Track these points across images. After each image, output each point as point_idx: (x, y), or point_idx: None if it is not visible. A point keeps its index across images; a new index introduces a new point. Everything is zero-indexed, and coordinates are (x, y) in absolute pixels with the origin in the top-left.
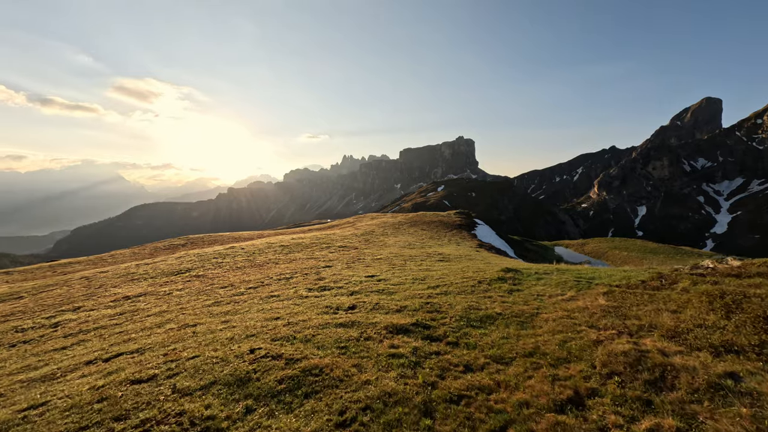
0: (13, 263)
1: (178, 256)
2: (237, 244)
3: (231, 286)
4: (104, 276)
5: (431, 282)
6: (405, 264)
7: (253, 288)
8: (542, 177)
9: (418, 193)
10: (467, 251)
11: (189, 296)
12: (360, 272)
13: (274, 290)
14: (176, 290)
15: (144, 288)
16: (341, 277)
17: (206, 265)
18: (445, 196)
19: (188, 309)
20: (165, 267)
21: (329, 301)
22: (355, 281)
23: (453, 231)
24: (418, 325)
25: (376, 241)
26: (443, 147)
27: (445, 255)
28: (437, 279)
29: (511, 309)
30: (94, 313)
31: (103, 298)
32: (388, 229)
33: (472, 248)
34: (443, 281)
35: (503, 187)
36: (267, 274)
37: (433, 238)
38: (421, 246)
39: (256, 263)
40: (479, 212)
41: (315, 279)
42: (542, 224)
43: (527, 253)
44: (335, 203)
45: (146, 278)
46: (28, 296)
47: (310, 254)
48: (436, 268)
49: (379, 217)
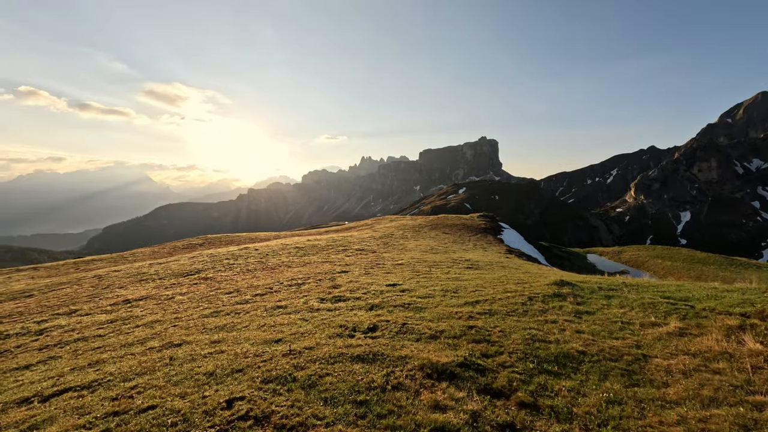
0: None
1: (191, 256)
2: (251, 245)
3: (237, 291)
4: (116, 275)
5: (466, 295)
6: (430, 271)
7: (260, 295)
8: (572, 179)
9: (438, 196)
10: (496, 258)
11: (190, 302)
12: (380, 279)
13: (282, 299)
14: (179, 294)
15: (149, 290)
16: (359, 285)
17: (217, 267)
18: (467, 198)
19: (183, 319)
20: (176, 267)
21: (344, 317)
22: (374, 291)
23: (478, 235)
24: (467, 366)
25: (395, 245)
26: (465, 148)
27: (473, 261)
28: (473, 292)
29: (596, 345)
30: (86, 319)
31: (104, 300)
32: (407, 232)
33: (500, 254)
34: (481, 295)
35: (529, 190)
36: (277, 279)
37: (457, 243)
38: (444, 251)
39: (268, 266)
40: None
41: (329, 286)
42: (572, 230)
43: (557, 260)
44: (353, 205)
45: (155, 279)
46: (38, 294)
47: (326, 257)
48: (466, 277)
49: (398, 219)
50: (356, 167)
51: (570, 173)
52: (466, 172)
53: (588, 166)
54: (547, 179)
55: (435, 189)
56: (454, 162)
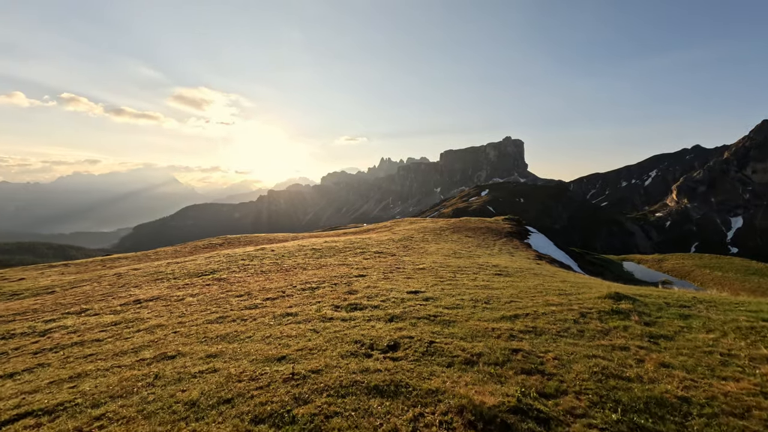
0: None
1: (208, 256)
2: (268, 246)
3: (247, 294)
4: (135, 273)
5: (501, 307)
6: (455, 277)
7: (271, 300)
8: (605, 181)
9: (460, 198)
10: (526, 264)
11: (198, 305)
12: (400, 285)
13: (293, 304)
14: (189, 296)
15: (161, 290)
16: (377, 291)
17: (232, 267)
18: (490, 201)
19: (186, 325)
20: (192, 267)
21: (360, 330)
22: (394, 298)
23: (503, 239)
24: (524, 413)
25: (415, 248)
26: (488, 148)
27: (501, 267)
28: (508, 303)
29: (700, 388)
30: (92, 320)
31: (116, 299)
32: (428, 234)
33: (529, 260)
34: (519, 307)
35: (557, 192)
36: (291, 282)
37: (481, 247)
38: (468, 255)
39: (283, 268)
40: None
41: (345, 292)
42: (604, 235)
43: (591, 267)
44: (372, 207)
45: (169, 279)
46: (59, 290)
47: (343, 260)
48: (497, 284)
49: (418, 221)
50: (375, 168)
51: (603, 175)
52: (489, 174)
53: (623, 167)
54: (577, 181)
55: (456, 191)
56: (477, 163)
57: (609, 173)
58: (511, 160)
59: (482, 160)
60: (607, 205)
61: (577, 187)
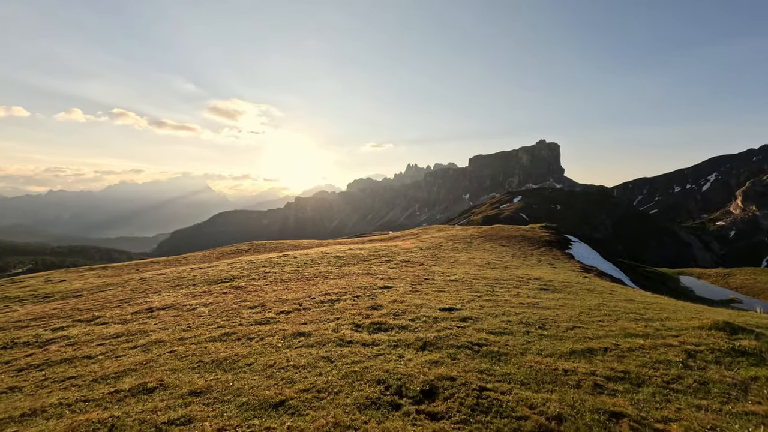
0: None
1: (231, 262)
2: (291, 253)
3: (261, 306)
4: (158, 279)
5: (563, 335)
6: (493, 291)
7: (285, 313)
8: (653, 186)
9: (490, 205)
10: (573, 277)
11: (208, 317)
12: (431, 300)
13: (309, 320)
14: (202, 305)
15: (177, 298)
16: (405, 307)
17: (251, 275)
18: (523, 208)
19: (186, 342)
20: (213, 273)
21: (385, 361)
22: (425, 317)
23: (541, 249)
24: None
25: (445, 257)
26: (520, 152)
27: (545, 281)
28: (570, 329)
29: None
30: (97, 330)
31: (131, 306)
32: (458, 242)
33: (574, 272)
34: (588, 336)
35: (599, 198)
36: (310, 292)
37: (517, 257)
38: (504, 266)
39: (304, 276)
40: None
41: (368, 307)
42: (655, 246)
43: (644, 281)
44: (398, 214)
45: (189, 285)
46: (85, 294)
47: (367, 268)
48: (547, 302)
49: (446, 229)
50: (401, 175)
51: (651, 179)
52: (521, 180)
53: (675, 171)
54: (621, 186)
55: (486, 197)
56: (508, 168)
57: (658, 178)
58: (546, 164)
59: (514, 165)
60: (656, 213)
61: (622, 193)
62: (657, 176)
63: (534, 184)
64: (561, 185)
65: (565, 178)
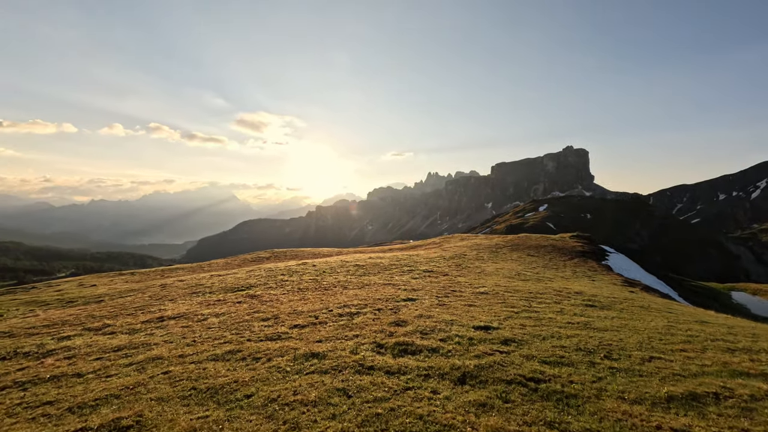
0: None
1: (250, 269)
2: (310, 261)
3: (275, 319)
4: (177, 285)
5: (641, 368)
6: (531, 307)
7: (299, 328)
8: (695, 194)
9: (514, 213)
10: (618, 291)
11: (216, 329)
12: (461, 316)
13: (324, 338)
14: (214, 315)
15: (191, 306)
16: (433, 324)
17: (269, 283)
18: (549, 217)
19: (186, 360)
20: (231, 281)
21: (415, 399)
22: (458, 336)
23: (575, 260)
24: None
25: (470, 267)
26: (545, 159)
27: (587, 295)
28: (646, 361)
29: None
30: (102, 340)
31: (144, 314)
32: (483, 252)
33: (616, 286)
34: (680, 373)
35: (633, 207)
36: (327, 304)
37: (549, 268)
38: (536, 277)
39: (322, 285)
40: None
41: (391, 322)
42: (699, 258)
43: (693, 297)
44: (418, 223)
45: (205, 293)
46: (107, 300)
47: (388, 278)
48: (600, 322)
49: (469, 238)
50: (422, 183)
51: (692, 186)
52: (547, 187)
53: (719, 177)
54: (658, 194)
55: (510, 206)
56: (533, 176)
57: (700, 185)
58: (574, 171)
59: (539, 173)
60: (700, 222)
61: (659, 201)
62: (698, 183)
63: (561, 192)
64: (591, 193)
65: (595, 186)
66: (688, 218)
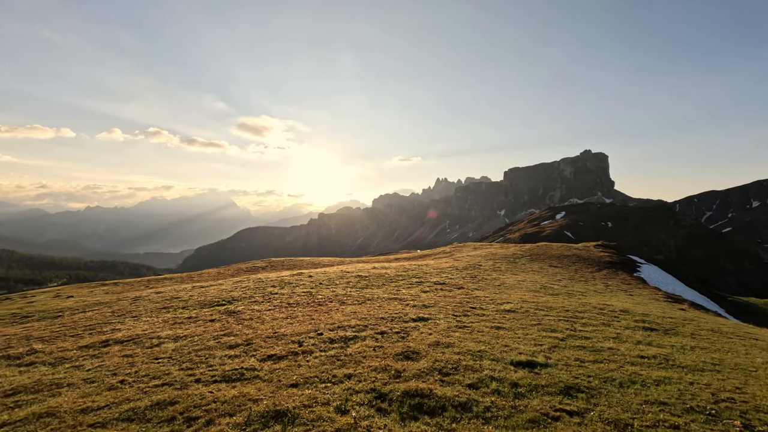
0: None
1: (238, 280)
2: (306, 271)
3: (246, 346)
4: (151, 298)
5: None
6: (576, 330)
7: (273, 360)
8: (726, 200)
9: (529, 222)
10: (666, 309)
11: (164, 362)
12: (491, 342)
13: (302, 380)
14: (171, 339)
15: (151, 325)
16: (455, 358)
17: (255, 296)
18: (567, 225)
19: (87, 418)
20: (213, 293)
21: None
22: (494, 380)
23: (603, 271)
24: None
25: (487, 279)
26: (562, 164)
27: (636, 314)
28: None
29: None
30: (8, 375)
31: (92, 336)
32: (499, 262)
33: (660, 302)
34: None
35: (658, 215)
36: (318, 325)
37: (576, 280)
38: (565, 292)
39: (315, 300)
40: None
41: (397, 354)
42: (732, 270)
43: (743, 315)
44: (426, 232)
45: (177, 309)
46: (65, 316)
47: (394, 292)
48: (678, 355)
49: (483, 247)
50: (430, 190)
51: (722, 192)
52: (564, 194)
53: (753, 183)
54: (684, 201)
55: (524, 214)
56: (549, 182)
57: (731, 191)
58: (593, 177)
59: (555, 178)
60: (732, 231)
61: (686, 209)
62: (730, 189)
63: (579, 199)
64: (611, 200)
65: (615, 192)
66: (718, 227)
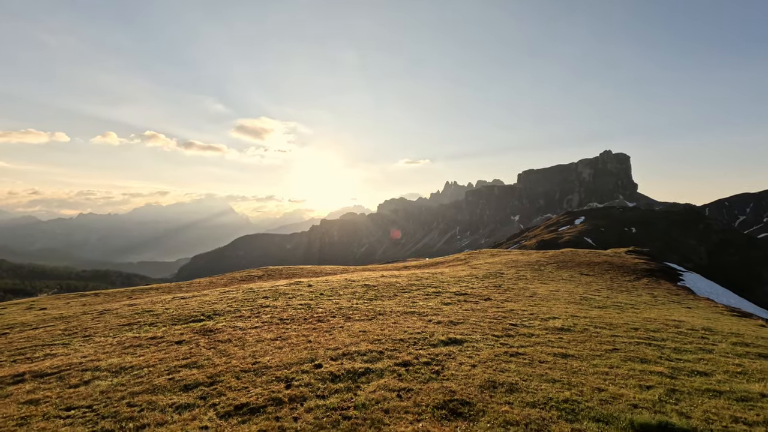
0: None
1: (226, 290)
2: (306, 280)
3: (209, 386)
4: (120, 312)
5: None
6: (676, 362)
7: (240, 417)
8: (760, 203)
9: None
10: (750, 327)
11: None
12: (570, 381)
13: None
14: (112, 372)
15: (97, 350)
16: (534, 413)
17: (241, 310)
18: (587, 231)
19: None
20: (193, 306)
21: None
22: None
23: (643, 280)
24: None
25: (515, 289)
26: (580, 166)
27: (722, 334)
28: None
29: None
30: None
31: (14, 365)
32: (523, 270)
33: (725, 316)
34: None
35: (686, 219)
36: (315, 351)
37: (617, 290)
38: (613, 305)
39: (315, 314)
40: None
41: (438, 406)
42: None
43: None
44: (435, 239)
45: (144, 325)
46: (12, 334)
47: (410, 304)
48: None
49: (501, 253)
50: (439, 194)
51: (757, 195)
52: (582, 198)
53: None
54: (715, 204)
55: (540, 219)
56: (566, 185)
57: (766, 193)
58: (613, 179)
59: (573, 181)
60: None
61: (717, 213)
62: (764, 191)
63: (599, 203)
64: (635, 203)
65: (639, 195)
66: (753, 232)
